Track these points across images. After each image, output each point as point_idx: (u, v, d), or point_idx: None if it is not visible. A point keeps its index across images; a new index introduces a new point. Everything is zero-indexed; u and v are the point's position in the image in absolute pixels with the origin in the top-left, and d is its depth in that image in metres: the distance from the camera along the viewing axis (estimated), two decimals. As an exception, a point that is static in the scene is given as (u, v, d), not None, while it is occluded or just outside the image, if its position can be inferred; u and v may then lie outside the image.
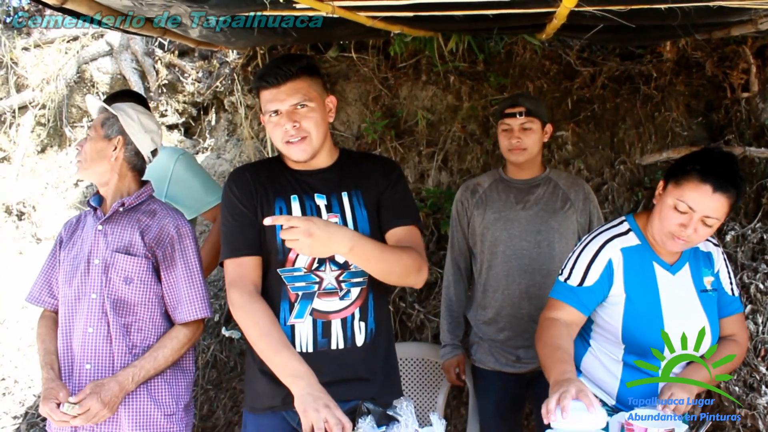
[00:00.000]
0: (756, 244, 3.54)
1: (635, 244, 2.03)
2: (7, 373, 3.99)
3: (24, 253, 4.40)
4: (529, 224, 2.63)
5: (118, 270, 2.12)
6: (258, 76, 1.95)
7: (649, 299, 1.99)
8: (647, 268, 2.01)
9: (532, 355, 2.52)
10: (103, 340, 2.12)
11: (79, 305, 2.15)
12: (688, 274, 2.04)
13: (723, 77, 3.68)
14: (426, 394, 3.10)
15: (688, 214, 1.87)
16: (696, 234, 1.89)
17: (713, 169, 1.86)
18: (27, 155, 4.65)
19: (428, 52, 3.64)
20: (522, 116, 2.59)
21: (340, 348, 1.93)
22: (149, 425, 2.13)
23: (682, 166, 1.92)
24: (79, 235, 2.22)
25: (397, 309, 3.66)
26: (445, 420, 1.75)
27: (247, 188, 1.96)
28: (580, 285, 2.01)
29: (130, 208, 2.19)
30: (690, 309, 2.00)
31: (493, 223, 2.65)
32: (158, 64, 4.60)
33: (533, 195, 2.66)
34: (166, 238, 2.16)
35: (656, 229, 1.97)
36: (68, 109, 4.62)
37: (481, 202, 2.71)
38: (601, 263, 2.01)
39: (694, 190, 1.86)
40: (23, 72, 4.69)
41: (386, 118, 3.80)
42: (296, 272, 1.92)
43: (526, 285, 2.60)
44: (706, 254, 2.10)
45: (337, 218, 1.94)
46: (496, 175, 2.77)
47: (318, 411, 1.67)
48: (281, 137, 1.92)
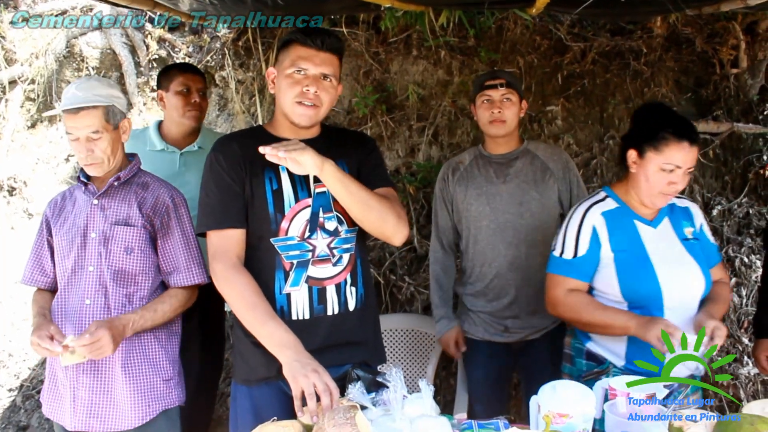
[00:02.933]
0: (741, 218, 3.60)
1: (614, 207, 2.19)
2: (2, 347, 4.02)
3: (16, 228, 4.41)
4: (510, 197, 2.65)
5: (118, 241, 2.16)
6: (301, 31, 1.95)
7: (636, 252, 2.13)
8: (629, 226, 2.16)
9: (520, 325, 2.66)
10: (101, 311, 2.15)
11: (74, 278, 2.18)
12: (669, 226, 2.20)
13: (712, 53, 3.70)
14: (416, 364, 3.15)
15: (675, 172, 2.07)
16: (682, 185, 2.10)
17: (679, 126, 2.08)
18: (17, 131, 4.63)
19: (419, 26, 3.64)
20: (503, 87, 2.61)
21: (335, 313, 1.97)
22: (150, 391, 2.18)
23: (653, 133, 2.08)
24: (70, 211, 2.23)
25: (388, 281, 3.70)
26: (434, 387, 1.79)
27: (235, 159, 1.95)
28: (575, 256, 2.16)
29: (124, 182, 2.22)
30: (677, 255, 2.15)
31: (475, 199, 2.68)
32: (148, 39, 4.57)
33: (513, 168, 2.69)
34: (162, 208, 2.22)
35: (644, 193, 2.13)
36: (58, 84, 4.59)
37: (462, 178, 2.74)
38: (587, 231, 2.16)
39: (676, 150, 2.05)
40: (11, 47, 4.65)
41: (377, 93, 3.80)
42: (289, 241, 1.94)
43: (512, 256, 2.64)
44: (684, 209, 2.26)
45: (325, 187, 1.96)
46: (476, 152, 2.79)
47: (307, 377, 1.70)
48: (295, 95, 1.92)
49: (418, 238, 3.67)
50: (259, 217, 1.94)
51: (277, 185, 1.95)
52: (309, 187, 1.96)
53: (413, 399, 1.74)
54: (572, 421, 1.65)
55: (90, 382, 2.15)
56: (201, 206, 1.98)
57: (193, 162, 2.93)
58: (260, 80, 4.08)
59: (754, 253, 3.54)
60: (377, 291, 3.62)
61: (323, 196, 1.97)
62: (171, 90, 2.90)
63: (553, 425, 1.66)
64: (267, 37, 4.02)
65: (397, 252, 3.72)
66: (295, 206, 1.95)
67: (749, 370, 3.25)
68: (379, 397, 1.75)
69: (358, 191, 1.88)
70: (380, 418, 1.68)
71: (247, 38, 4.09)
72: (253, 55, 4.11)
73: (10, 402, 3.83)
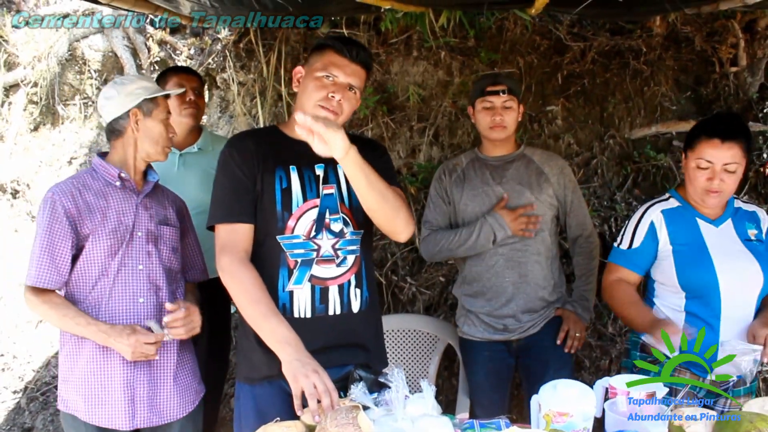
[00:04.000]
0: (742, 216, 3.60)
1: (676, 206, 2.31)
2: (6, 349, 4.04)
3: (19, 230, 4.43)
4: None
5: (167, 241, 2.24)
6: (338, 39, 2.02)
7: (695, 246, 2.22)
8: (690, 222, 2.27)
9: (518, 324, 2.67)
10: (153, 309, 2.18)
11: (120, 277, 2.15)
12: (731, 227, 2.27)
13: (712, 52, 3.71)
14: (417, 365, 3.17)
15: (710, 168, 2.16)
16: (724, 183, 2.17)
17: (716, 125, 2.19)
18: (20, 134, 4.66)
19: (419, 27, 3.65)
20: (505, 94, 2.64)
21: (337, 314, 1.98)
22: (192, 383, 2.29)
23: (692, 134, 2.24)
24: (106, 207, 2.15)
25: (390, 282, 3.72)
26: (435, 387, 1.80)
27: (248, 155, 1.98)
28: (629, 248, 2.32)
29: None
30: (738, 252, 2.21)
31: (471, 200, 2.71)
32: (150, 41, 4.59)
33: (508, 171, 2.71)
34: (183, 210, 2.37)
35: (691, 192, 2.25)
36: (60, 87, 4.62)
37: (459, 180, 2.77)
38: (644, 226, 2.30)
39: (707, 146, 2.16)
40: (14, 50, 4.67)
41: (377, 94, 3.81)
42: (295, 239, 1.96)
43: (508, 254, 2.66)
44: (750, 213, 2.33)
45: (333, 189, 2.00)
46: (473, 154, 2.82)
47: (307, 376, 1.71)
48: (320, 98, 1.95)
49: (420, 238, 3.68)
50: (266, 213, 1.96)
51: (287, 184, 1.97)
52: (318, 187, 2.00)
53: (415, 399, 1.75)
54: (572, 420, 1.66)
55: (149, 378, 2.16)
56: (212, 199, 2.00)
57: (192, 163, 2.95)
58: (261, 82, 4.09)
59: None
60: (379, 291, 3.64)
61: (331, 198, 2.00)
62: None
63: (553, 424, 1.67)
64: (268, 39, 4.04)
65: (398, 252, 3.74)
66: (302, 205, 1.97)
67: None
68: (381, 397, 1.76)
69: (377, 181, 1.91)
70: (382, 418, 1.69)
71: (249, 40, 4.10)
72: (255, 57, 4.12)
73: (14, 404, 3.85)
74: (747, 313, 2.18)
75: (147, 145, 2.23)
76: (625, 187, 3.69)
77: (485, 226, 2.62)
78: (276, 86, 3.96)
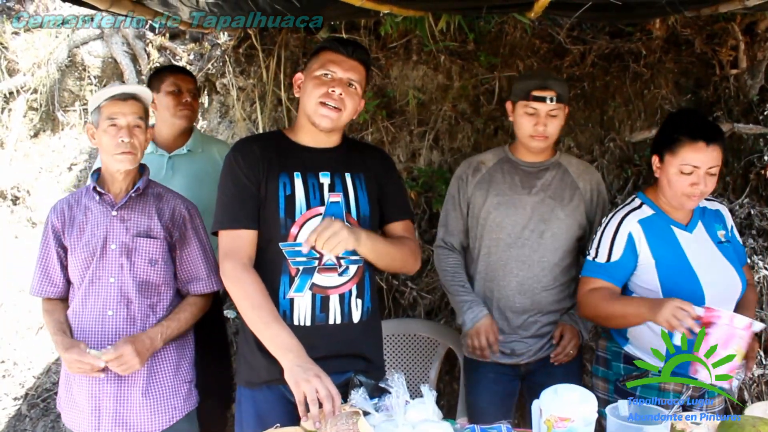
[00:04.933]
0: (743, 219, 3.59)
1: (650, 214, 2.21)
2: (7, 356, 4.03)
3: (19, 237, 4.43)
4: (534, 211, 2.41)
5: (142, 253, 2.18)
6: (335, 40, 2.05)
7: (676, 257, 2.16)
8: (667, 232, 2.19)
9: (526, 348, 2.48)
10: (123, 322, 2.16)
11: (92, 289, 2.17)
12: (703, 230, 2.24)
13: (712, 54, 3.70)
14: (418, 369, 3.15)
15: (694, 173, 2.09)
16: (706, 186, 2.12)
17: (696, 127, 2.10)
18: (20, 140, 4.66)
19: (419, 31, 3.65)
20: (553, 102, 2.32)
21: (338, 323, 1.98)
22: (175, 395, 2.24)
23: (669, 137, 2.14)
24: (84, 221, 2.20)
25: (390, 286, 3.71)
26: (436, 392, 1.79)
27: (253, 161, 1.97)
28: (608, 261, 2.19)
29: (141, 192, 2.23)
30: (714, 259, 2.19)
31: (495, 207, 2.43)
32: (149, 47, 4.60)
33: (541, 180, 2.43)
34: (180, 219, 2.26)
35: (670, 196, 2.17)
36: (60, 93, 4.62)
37: (483, 181, 2.47)
38: (623, 238, 2.18)
39: (691, 151, 2.08)
40: (14, 57, 4.68)
41: (377, 98, 3.81)
42: (297, 247, 1.95)
43: (523, 277, 2.42)
44: (715, 212, 2.30)
45: (340, 197, 1.99)
46: (502, 153, 2.51)
47: (309, 381, 1.71)
48: (320, 94, 1.96)
49: (420, 242, 3.67)
50: (269, 220, 1.96)
51: (291, 191, 1.97)
52: (322, 195, 1.98)
53: (416, 404, 1.75)
54: (574, 425, 1.65)
55: (115, 392, 2.16)
56: (217, 205, 2.01)
57: (181, 165, 2.90)
58: (261, 87, 4.10)
59: (756, 254, 3.54)
60: (379, 296, 3.63)
61: (337, 206, 1.99)
62: (162, 90, 2.87)
63: (554, 429, 1.66)
64: (268, 44, 4.04)
65: (399, 257, 3.73)
66: (306, 213, 1.97)
67: (753, 372, 3.24)
68: (381, 402, 1.76)
69: (385, 248, 2.01)
70: (383, 423, 1.69)
71: (248, 45, 4.11)
72: (254, 62, 4.13)
73: (15, 411, 3.84)
74: None
75: (104, 156, 2.21)
76: (626, 190, 3.68)
77: (471, 311, 2.43)
78: (276, 91, 3.96)
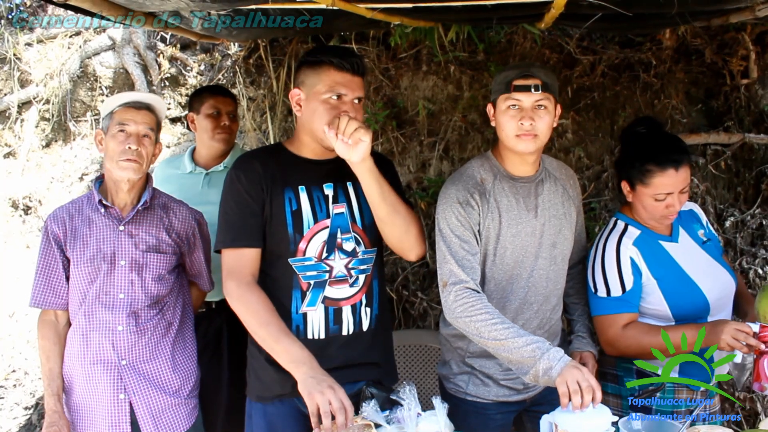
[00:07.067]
0: (755, 229, 3.58)
1: (639, 234, 2.19)
2: (18, 365, 4.04)
3: (31, 246, 4.45)
4: (543, 236, 2.06)
5: (152, 269, 2.18)
6: (333, 54, 1.92)
7: (674, 272, 2.16)
8: (657, 249, 2.18)
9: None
10: (132, 336, 2.15)
11: (99, 305, 2.15)
12: (686, 236, 2.25)
13: (722, 64, 3.70)
14: (429, 381, 3.14)
15: (668, 197, 2.09)
16: (681, 203, 2.12)
17: (662, 151, 2.08)
18: (32, 150, 4.69)
19: (428, 42, 3.66)
20: (538, 91, 1.93)
21: (350, 333, 1.98)
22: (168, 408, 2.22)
23: (635, 166, 2.11)
24: (88, 234, 2.16)
25: (400, 297, 3.70)
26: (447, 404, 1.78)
27: (256, 178, 1.95)
28: (624, 292, 2.14)
29: (147, 206, 2.20)
30: (706, 263, 2.22)
31: (514, 238, 2.02)
32: (160, 58, 4.63)
33: (540, 197, 2.07)
34: (189, 230, 2.29)
35: (647, 218, 2.18)
36: (72, 104, 4.65)
37: (492, 208, 2.01)
38: (627, 264, 2.15)
39: (662, 179, 2.07)
40: (26, 67, 4.72)
41: (387, 109, 3.82)
42: (307, 261, 1.95)
43: (543, 312, 2.10)
44: (689, 212, 2.32)
45: (344, 208, 1.99)
46: (493, 167, 2.06)
47: (323, 393, 1.70)
48: (330, 118, 1.88)
49: (430, 253, 3.65)
50: (277, 236, 1.95)
51: (297, 206, 1.96)
52: (328, 208, 1.98)
53: (427, 416, 1.74)
54: (588, 438, 1.64)
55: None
56: (219, 223, 1.99)
57: (217, 181, 2.91)
58: (271, 97, 4.11)
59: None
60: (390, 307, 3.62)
61: (341, 217, 1.98)
62: (202, 113, 2.90)
63: (569, 443, 1.65)
64: (278, 55, 4.06)
65: (409, 267, 3.72)
66: (313, 227, 1.96)
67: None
68: (393, 414, 1.75)
69: (389, 193, 1.93)
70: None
71: (258, 56, 4.13)
72: (264, 72, 4.15)
73: (26, 420, 3.85)
74: (728, 316, 2.24)
75: (108, 163, 2.16)
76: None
77: (546, 356, 1.76)
78: (286, 101, 3.98)
